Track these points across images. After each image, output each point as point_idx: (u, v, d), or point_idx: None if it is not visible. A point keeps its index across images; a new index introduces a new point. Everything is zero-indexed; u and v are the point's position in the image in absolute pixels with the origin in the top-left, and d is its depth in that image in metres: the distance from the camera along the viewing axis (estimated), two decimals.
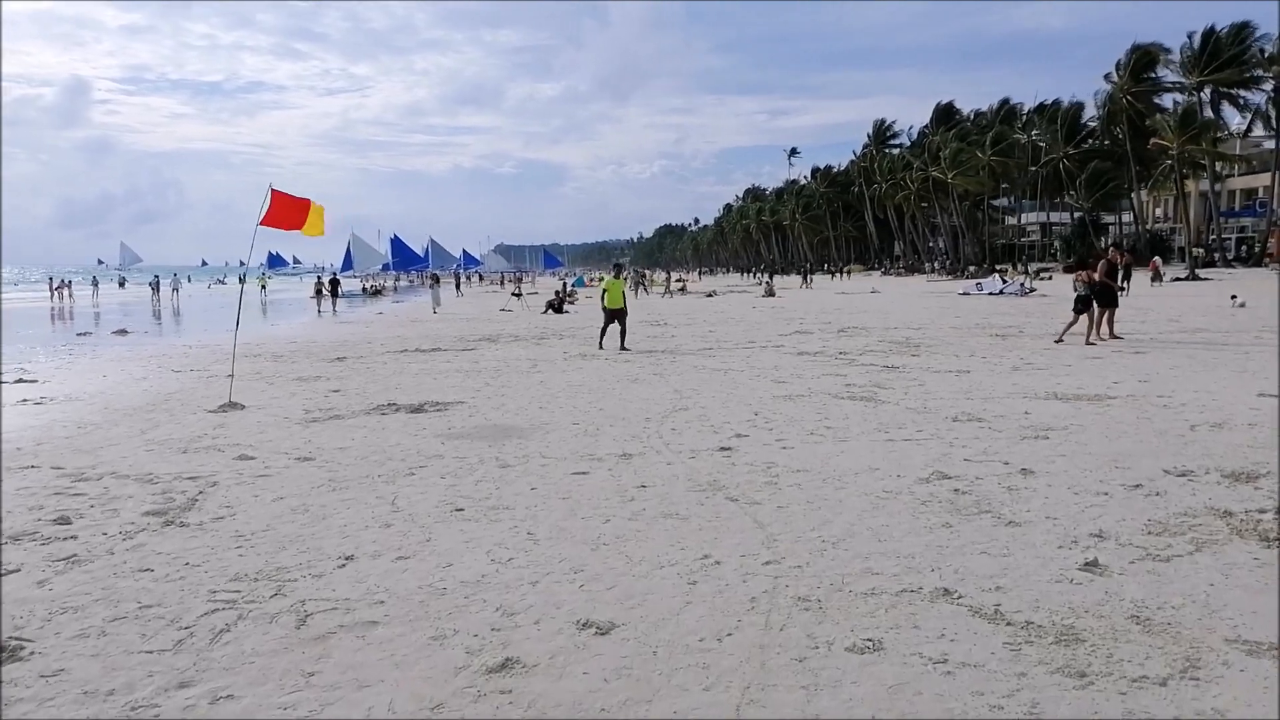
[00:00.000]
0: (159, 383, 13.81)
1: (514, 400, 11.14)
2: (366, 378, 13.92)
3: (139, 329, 28.50)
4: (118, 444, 8.71)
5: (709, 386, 11.95)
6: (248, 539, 5.53)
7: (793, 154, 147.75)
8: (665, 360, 15.47)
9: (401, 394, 11.91)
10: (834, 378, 12.56)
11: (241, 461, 7.78)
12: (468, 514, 5.98)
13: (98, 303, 50.98)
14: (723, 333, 21.83)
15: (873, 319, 25.73)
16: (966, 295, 40.95)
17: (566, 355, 16.74)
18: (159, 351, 19.54)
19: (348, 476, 7.14)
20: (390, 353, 18.10)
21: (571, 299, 40.60)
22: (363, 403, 11.19)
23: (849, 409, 9.88)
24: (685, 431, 8.74)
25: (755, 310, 33.06)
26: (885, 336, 19.37)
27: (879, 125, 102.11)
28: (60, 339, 24.58)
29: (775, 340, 19.08)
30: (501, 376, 13.69)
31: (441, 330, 24.97)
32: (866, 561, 4.84)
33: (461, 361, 16.09)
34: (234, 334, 12.93)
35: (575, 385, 12.42)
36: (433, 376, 13.85)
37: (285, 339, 23.20)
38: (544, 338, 21.36)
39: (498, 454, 7.88)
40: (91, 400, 11.82)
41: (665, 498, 6.24)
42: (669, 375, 13.30)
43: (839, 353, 16.00)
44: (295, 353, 18.44)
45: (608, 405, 10.55)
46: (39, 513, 6.19)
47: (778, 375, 12.98)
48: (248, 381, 13.55)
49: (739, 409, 10.03)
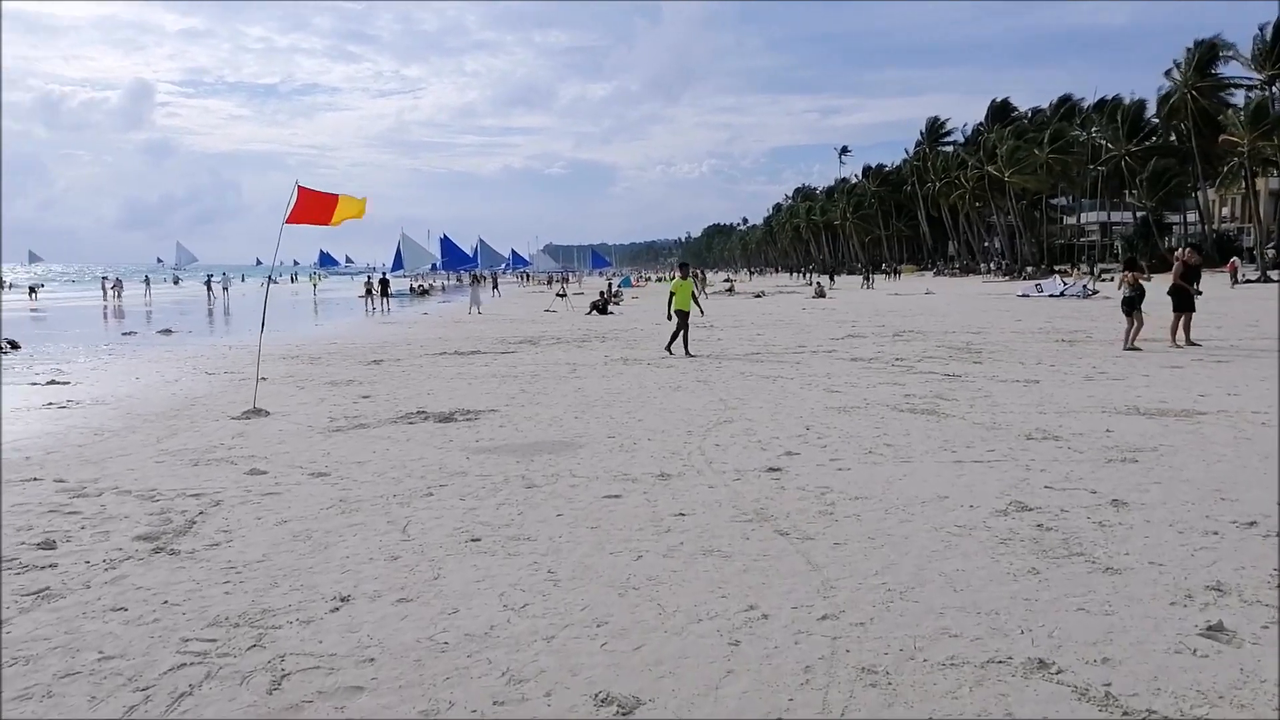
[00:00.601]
0: (189, 386, 13.44)
1: (548, 409, 10.52)
2: (399, 382, 13.41)
3: (184, 328, 28.48)
4: (129, 454, 8.25)
5: (756, 396, 11.22)
6: (238, 571, 4.95)
7: (844, 152, 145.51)
8: (710, 366, 14.76)
9: (433, 400, 11.36)
10: (891, 387, 11.74)
11: (252, 477, 7.25)
12: (484, 545, 5.35)
13: (149, 301, 51.58)
14: (771, 336, 21.02)
15: (929, 322, 24.72)
16: (1025, 297, 39.58)
17: (607, 360, 16.11)
18: (198, 352, 19.30)
19: (360, 497, 6.55)
20: (428, 355, 17.62)
21: (617, 300, 40.02)
22: (391, 410, 10.65)
23: (910, 424, 9.09)
24: (730, 448, 8.04)
25: (805, 312, 32.15)
26: (943, 341, 18.43)
27: (932, 123, 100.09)
28: (105, 338, 24.58)
29: (827, 345, 18.24)
30: (538, 382, 13.09)
31: (483, 331, 24.51)
32: (942, 618, 4.11)
33: (499, 365, 15.54)
34: (259, 337, 12.44)
35: (614, 393, 11.76)
36: (467, 381, 13.30)
37: (327, 339, 22.92)
38: (586, 340, 20.77)
39: (525, 471, 7.25)
40: (116, 404, 11.45)
41: (706, 530, 5.55)
42: (714, 383, 12.59)
43: (895, 359, 15.15)
44: (333, 354, 18.06)
45: (647, 416, 9.88)
46: (25, 534, 5.69)
47: (830, 384, 12.20)
48: (279, 385, 13.14)
49: (789, 422, 9.29)
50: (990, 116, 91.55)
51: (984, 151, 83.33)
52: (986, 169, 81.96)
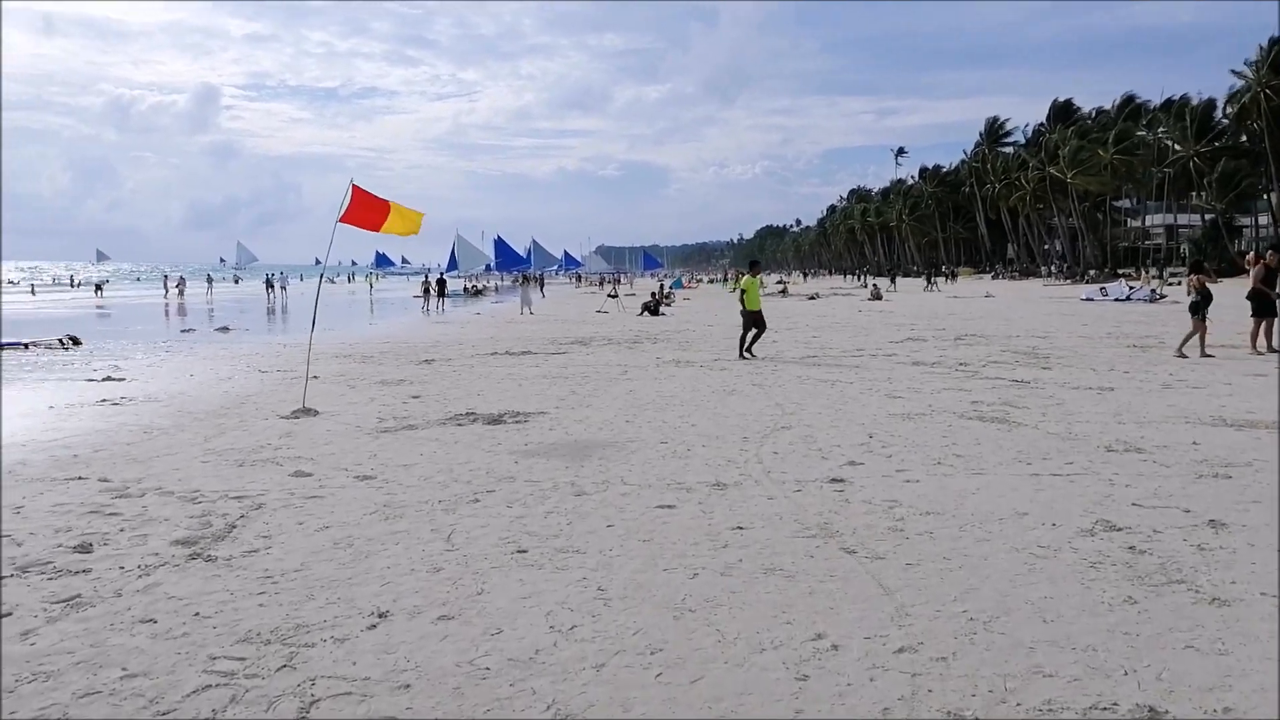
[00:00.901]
0: (242, 384, 13.41)
1: (599, 412, 10.22)
2: (450, 382, 13.23)
3: (242, 326, 28.79)
4: (176, 453, 8.14)
5: (815, 401, 10.80)
6: (275, 581, 4.72)
7: (900, 154, 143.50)
8: (766, 369, 14.36)
9: (482, 402, 11.14)
10: (957, 393, 11.24)
11: (296, 479, 7.06)
12: (531, 557, 5.06)
13: (210, 299, 52.55)
14: (828, 339, 20.52)
15: (991, 325, 23.99)
16: (1089, 301, 38.43)
17: (659, 361, 15.78)
18: (252, 350, 19.39)
19: (405, 502, 6.31)
20: (479, 355, 17.47)
21: (668, 301, 39.69)
22: (440, 411, 10.45)
23: (979, 432, 8.62)
24: (789, 456, 7.65)
25: (861, 314, 31.50)
26: (1008, 346, 17.78)
27: (992, 123, 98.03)
28: (164, 335, 24.90)
29: (886, 348, 17.71)
30: (589, 384, 12.81)
31: (534, 332, 24.35)
32: (1032, 654, 3.71)
33: (550, 366, 15.31)
34: (309, 336, 12.35)
35: (666, 396, 11.44)
36: (518, 383, 13.07)
37: (380, 339, 22.93)
38: (637, 342, 20.47)
39: (574, 478, 6.96)
40: (168, 402, 11.42)
41: (766, 546, 5.19)
42: (770, 387, 12.19)
43: (959, 364, 14.59)
44: (385, 354, 18.00)
45: (701, 421, 9.53)
46: (63, 536, 5.54)
47: (892, 389, 11.73)
48: (330, 385, 13.04)
49: (850, 429, 8.88)
50: (1052, 117, 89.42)
51: (1045, 152, 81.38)
52: (1048, 170, 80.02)
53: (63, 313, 37.83)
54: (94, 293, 56.20)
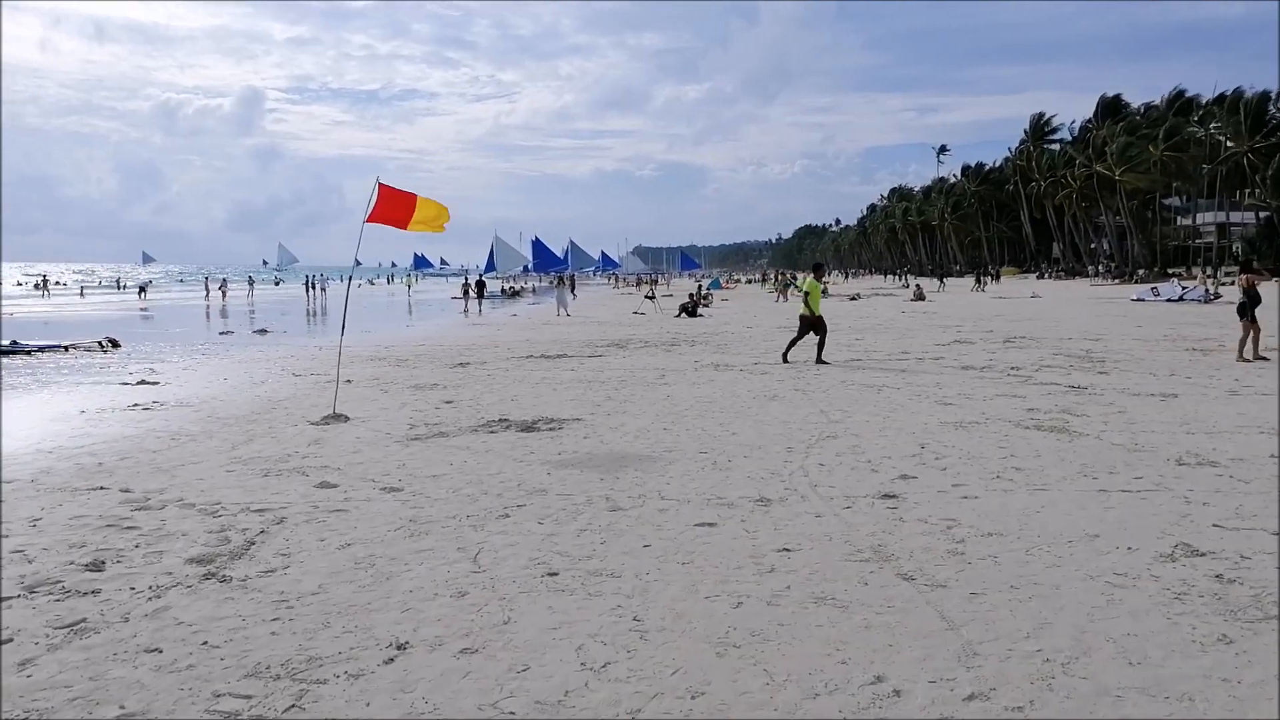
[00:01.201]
0: (275, 388, 13.25)
1: (636, 419, 9.88)
2: (484, 387, 12.97)
3: (280, 328, 28.86)
4: (201, 461, 7.93)
5: (861, 408, 10.37)
6: (290, 606, 4.43)
7: (942, 151, 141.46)
8: (808, 374, 13.93)
9: (516, 407, 10.85)
10: (1010, 399, 10.75)
11: (321, 490, 6.80)
12: (562, 581, 4.72)
13: (251, 301, 53.04)
14: (871, 341, 19.99)
15: (1041, 327, 23.29)
16: (1141, 301, 37.40)
17: (698, 365, 15.41)
18: (288, 353, 19.32)
19: (432, 517, 6.01)
20: (514, 358, 17.21)
21: (706, 302, 39.28)
22: (473, 417, 10.18)
23: (1038, 443, 8.15)
24: (836, 468, 7.25)
25: (905, 315, 30.84)
26: (1060, 349, 17.17)
27: (1037, 120, 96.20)
28: (202, 338, 24.99)
29: (933, 351, 17.18)
30: (625, 388, 12.48)
31: (571, 334, 24.08)
32: (1120, 704, 3.30)
33: (585, 370, 15.00)
34: (340, 341, 12.14)
35: (705, 401, 11.06)
36: (552, 387, 12.77)
37: (416, 341, 22.79)
38: (675, 344, 20.11)
39: (609, 491, 6.62)
40: (199, 407, 11.27)
41: (816, 570, 4.81)
42: (813, 392, 11.77)
43: (1010, 368, 14.05)
44: (420, 357, 17.82)
45: (742, 429, 9.15)
46: (76, 553, 5.31)
47: (942, 395, 11.26)
48: (363, 389, 12.84)
49: (900, 439, 8.45)
50: (1100, 113, 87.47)
51: (1093, 149, 79.65)
52: (1095, 167, 78.32)
53: (106, 314, 38.31)
54: (137, 295, 57.03)
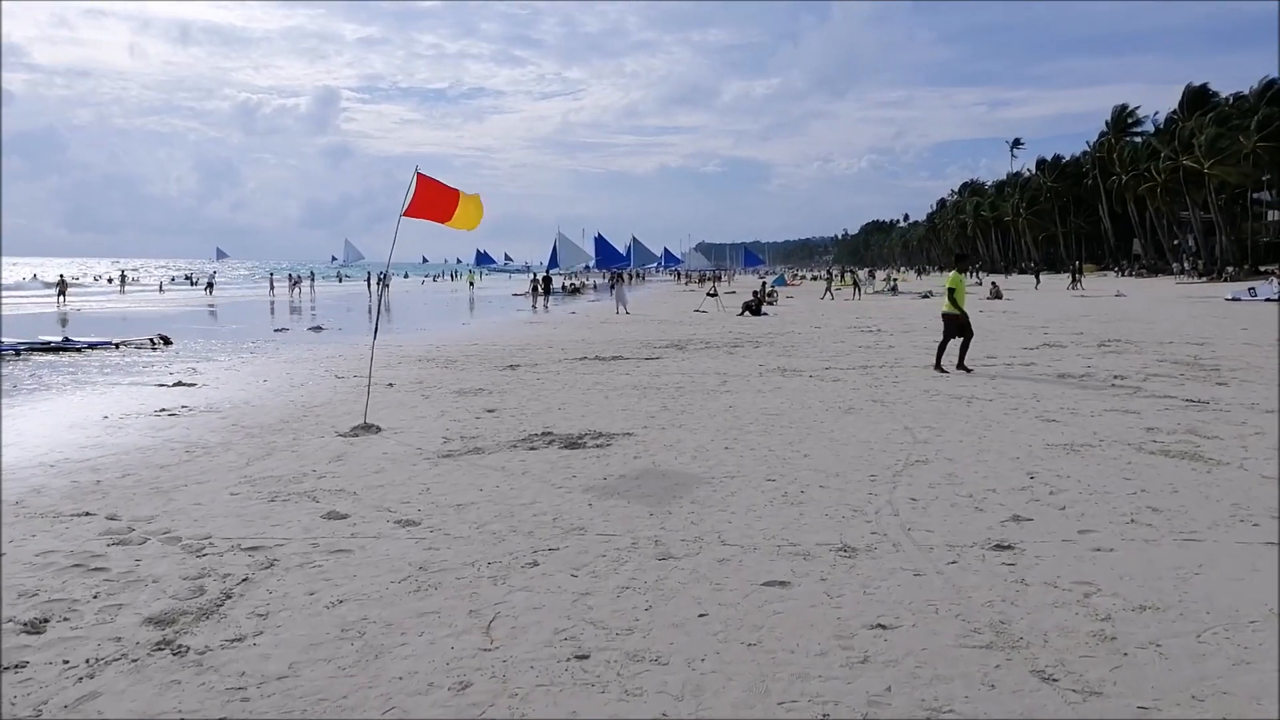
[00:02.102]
0: (312, 392, 12.48)
1: (693, 434, 8.82)
2: (531, 392, 12.02)
3: (336, 325, 28.40)
4: (207, 481, 7.09)
5: (951, 424, 9.15)
6: (247, 699, 3.48)
7: (1016, 145, 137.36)
8: (885, 381, 12.69)
9: (563, 418, 9.87)
10: (1123, 416, 9.42)
11: (328, 523, 5.88)
12: (593, 668, 3.69)
13: (313, 298, 53.16)
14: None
15: (1135, 329, 21.59)
16: (1237, 301, 35.07)
17: (762, 370, 14.26)
18: (338, 352, 18.64)
19: (447, 562, 5.04)
20: (568, 360, 16.26)
21: (771, 299, 37.98)
22: (515, 429, 9.22)
23: (1170, 473, 6.87)
24: (931, 505, 6.09)
25: (983, 315, 29.11)
26: (1164, 354, 15.61)
27: (1119, 111, 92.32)
28: (256, 335, 24.56)
29: (1021, 356, 15.76)
30: (683, 396, 11.41)
31: (628, 334, 23.07)
32: None
33: (641, 374, 13.97)
34: (371, 344, 11.29)
35: (771, 414, 9.94)
36: (604, 394, 11.77)
37: (470, 340, 21.99)
38: (738, 345, 18.96)
39: (660, 530, 5.57)
40: (227, 413, 10.52)
41: (923, 662, 3.69)
42: (893, 404, 10.56)
43: (1113, 377, 12.63)
44: (471, 358, 16.99)
45: (815, 449, 8.02)
46: (24, 605, 4.46)
47: (1042, 409, 9.96)
48: (403, 394, 12.01)
49: (1002, 465, 7.24)
50: (1185, 104, 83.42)
51: (1179, 141, 76.02)
52: (1182, 160, 74.73)
53: (169, 310, 38.50)
54: (204, 291, 57.71)
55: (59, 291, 43.48)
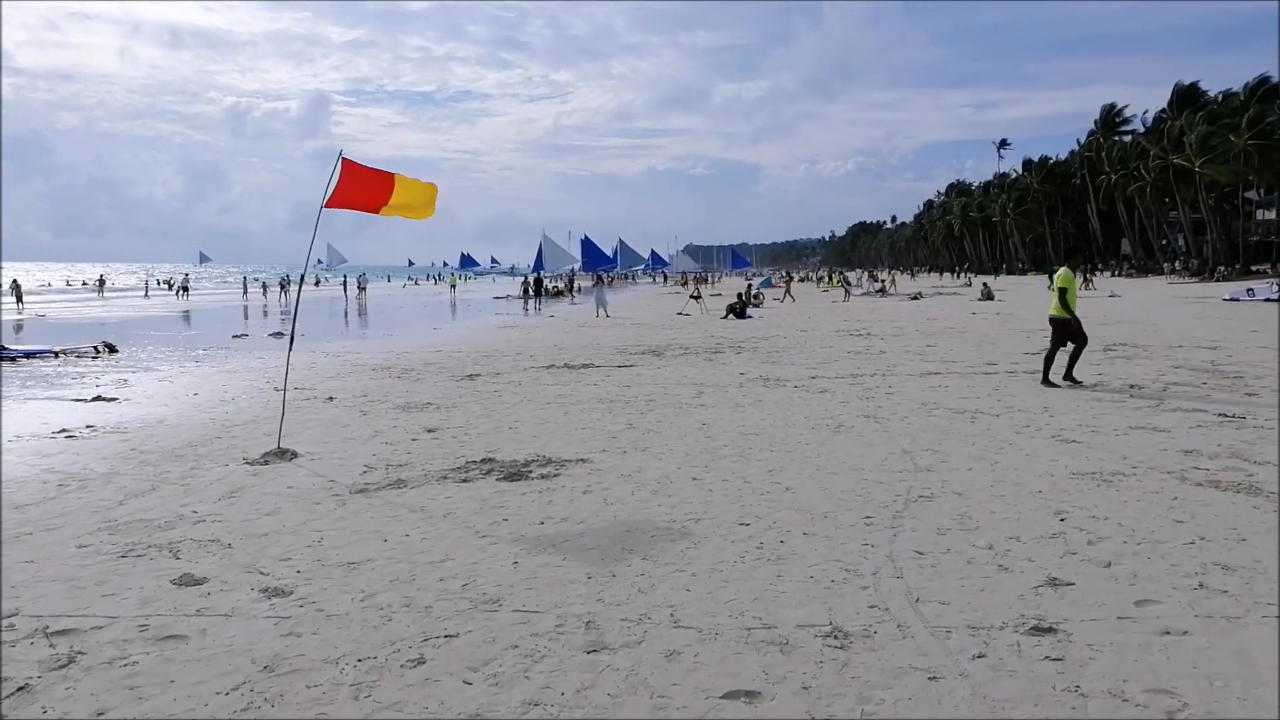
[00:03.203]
0: (242, 408, 11.21)
1: (658, 460, 7.57)
2: (484, 407, 10.76)
3: (301, 331, 27.00)
4: (59, 528, 5.81)
5: (956, 445, 7.93)
6: None
7: (1003, 145, 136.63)
8: (877, 392, 11.47)
9: (511, 439, 8.62)
10: (1151, 435, 8.21)
11: (176, 591, 4.61)
12: None
13: (286, 302, 51.68)
14: (946, 349, 17.36)
15: (1138, 332, 20.45)
16: (1235, 301, 34.07)
17: (743, 380, 13.02)
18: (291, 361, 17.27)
19: (304, 659, 3.77)
20: (534, 368, 14.99)
21: (756, 302, 36.80)
22: (452, 454, 7.96)
23: (1228, 512, 5.66)
24: (943, 561, 4.85)
25: (976, 317, 28.04)
26: (1177, 359, 14.44)
27: (1108, 110, 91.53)
28: (211, 341, 23.18)
29: (1024, 362, 14.55)
30: (653, 411, 10.17)
31: (605, 338, 21.81)
32: None
33: (611, 384, 12.71)
34: (287, 356, 9.97)
35: (750, 433, 8.71)
36: (565, 408, 10.51)
37: (437, 346, 20.68)
38: (719, 351, 17.72)
39: (595, 606, 4.31)
40: (131, 435, 9.22)
41: None
42: (887, 420, 9.34)
43: (1129, 385, 11.43)
44: (431, 366, 15.70)
45: (798, 480, 6.78)
46: None
47: (1057, 425, 8.75)
48: (342, 410, 10.76)
49: (1023, 501, 6.01)
50: (1175, 102, 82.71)
51: (1169, 140, 75.25)
52: (1172, 158, 73.95)
53: (134, 315, 37.04)
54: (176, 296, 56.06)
55: (15, 298, 42.02)
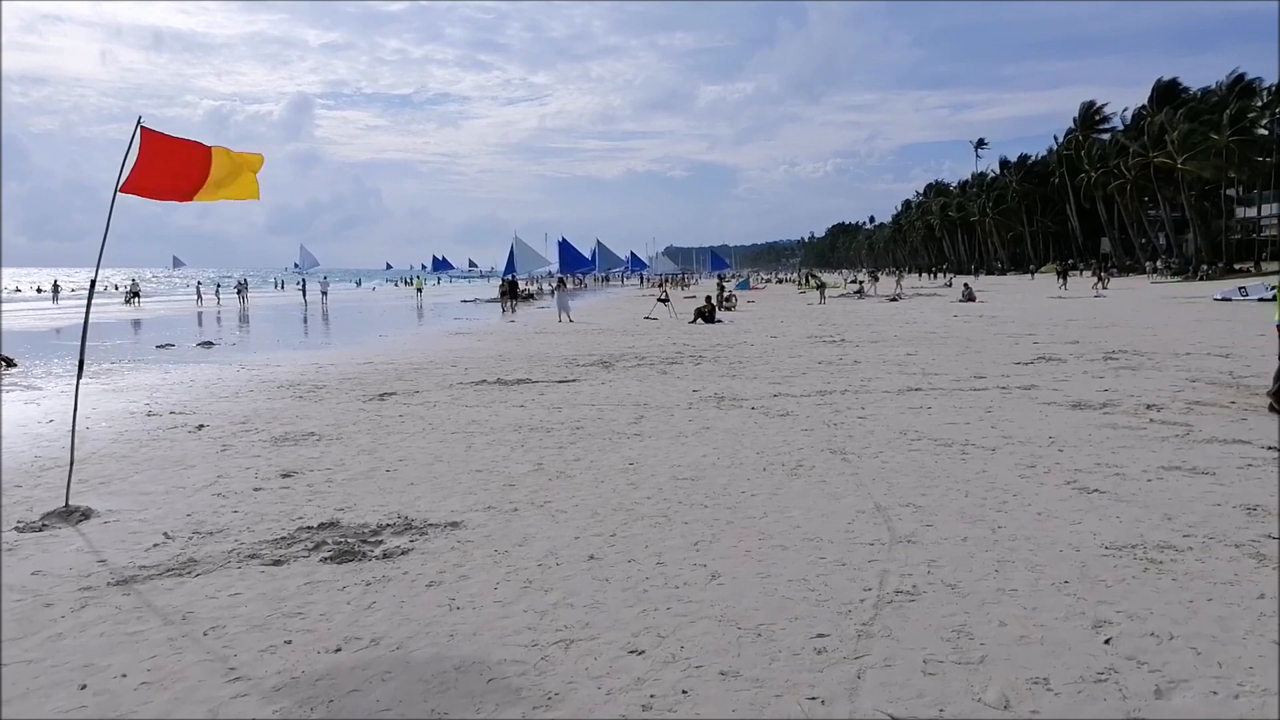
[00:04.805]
0: (83, 441, 9.27)
1: (555, 523, 5.74)
2: (375, 439, 8.90)
3: (238, 339, 25.02)
4: None
5: (943, 497, 6.13)
6: None
7: (980, 145, 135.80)
8: (848, 415, 9.68)
9: (379, 491, 6.77)
10: (1191, 478, 6.45)
11: None
12: None
13: (246, 307, 49.45)
14: (929, 357, 15.59)
15: (1136, 337, 18.78)
16: (1227, 301, 32.62)
17: (694, 398, 11.19)
18: (199, 376, 15.35)
19: None
20: (459, 385, 13.11)
21: (728, 305, 35.02)
22: (289, 515, 6.11)
23: None
24: (947, 709, 3.05)
25: (959, 320, 26.35)
26: (1190, 370, 12.73)
27: (1087, 108, 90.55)
28: (130, 353, 21.13)
29: (1015, 374, 12.80)
30: (575, 444, 8.35)
31: (557, 347, 19.92)
32: None
33: (541, 405, 10.87)
34: (75, 387, 7.80)
35: (685, 476, 6.89)
36: (470, 440, 8.66)
37: (370, 356, 18.69)
38: (676, 361, 15.89)
39: None
40: None
41: None
42: (858, 456, 7.54)
43: (1143, 406, 9.69)
44: (348, 381, 13.81)
45: (730, 559, 4.96)
46: None
47: (1071, 467, 6.97)
48: (205, 442, 8.88)
49: (1047, 604, 4.20)
50: (1155, 99, 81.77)
51: (1149, 137, 74.17)
52: (1153, 156, 72.86)
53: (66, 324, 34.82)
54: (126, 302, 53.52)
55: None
